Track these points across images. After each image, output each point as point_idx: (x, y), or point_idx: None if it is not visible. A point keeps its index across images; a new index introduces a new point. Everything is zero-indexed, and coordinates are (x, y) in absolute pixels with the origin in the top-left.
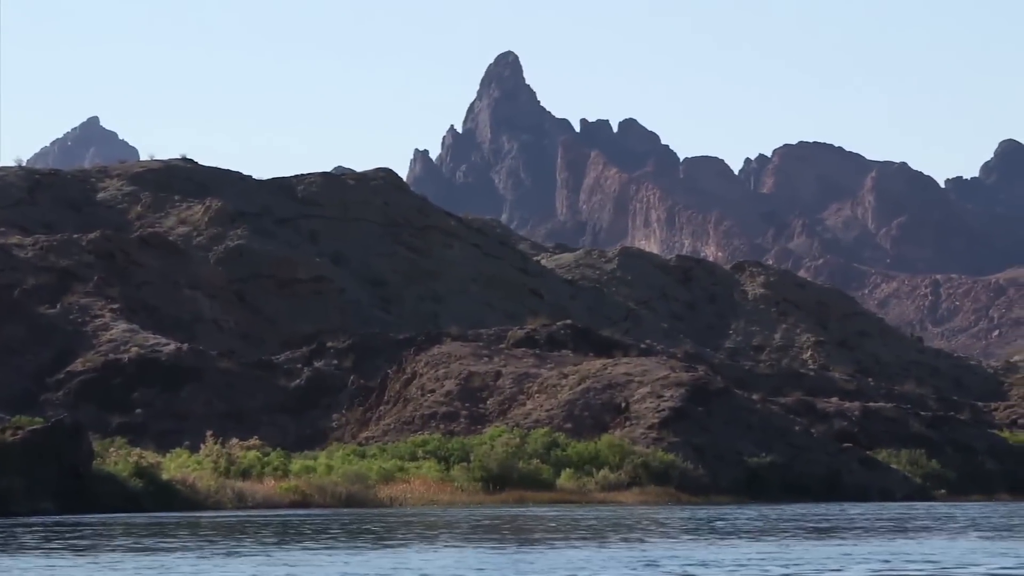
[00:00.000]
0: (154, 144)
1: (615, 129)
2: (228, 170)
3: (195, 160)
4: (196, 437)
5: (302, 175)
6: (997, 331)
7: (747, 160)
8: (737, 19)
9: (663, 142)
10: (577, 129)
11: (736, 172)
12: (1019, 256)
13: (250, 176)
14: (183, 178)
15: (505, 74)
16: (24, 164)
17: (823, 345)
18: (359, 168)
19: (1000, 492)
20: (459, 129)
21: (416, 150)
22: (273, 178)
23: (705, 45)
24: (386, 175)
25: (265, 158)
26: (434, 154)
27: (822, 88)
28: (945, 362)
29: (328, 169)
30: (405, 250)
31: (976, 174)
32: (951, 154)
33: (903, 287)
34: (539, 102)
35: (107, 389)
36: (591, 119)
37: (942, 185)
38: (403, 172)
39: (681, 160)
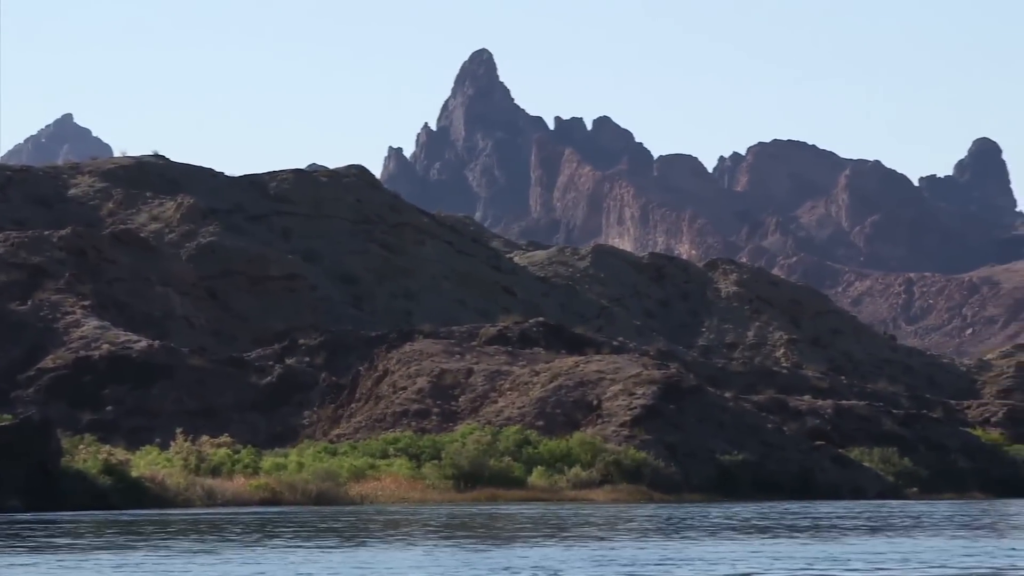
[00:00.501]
0: (128, 141)
1: (589, 127)
2: (200, 166)
3: (167, 156)
4: (167, 434)
5: (274, 172)
6: (970, 329)
7: (721, 158)
8: (711, 18)
9: (637, 140)
10: (551, 127)
11: (710, 170)
12: (993, 254)
13: (222, 173)
14: (155, 174)
15: (479, 72)
16: None
17: (796, 343)
18: (333, 165)
19: (972, 490)
20: (433, 127)
21: (390, 148)
22: (245, 175)
23: (679, 43)
24: (358, 172)
25: (238, 155)
26: (408, 152)
27: (796, 86)
28: (918, 360)
29: (302, 166)
30: (377, 247)
31: (950, 172)
32: (925, 152)
33: (877, 285)
34: (513, 100)
35: (78, 386)
36: (565, 117)
37: (916, 183)
38: (377, 170)
39: (655, 158)
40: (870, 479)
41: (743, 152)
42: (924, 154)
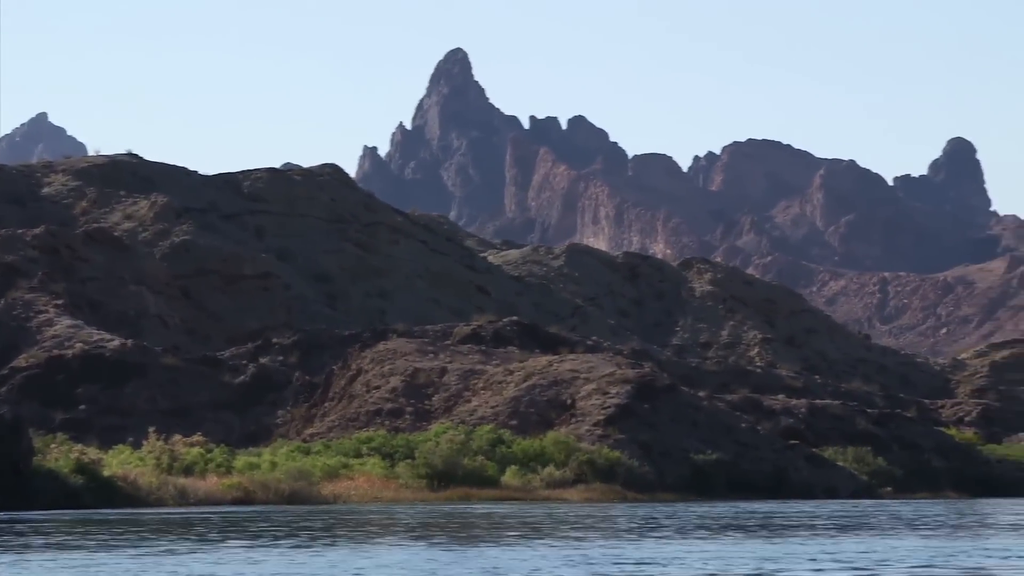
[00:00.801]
0: (103, 140)
1: (564, 126)
2: (174, 165)
3: (141, 155)
4: (140, 433)
5: (248, 171)
6: (945, 329)
7: (696, 158)
8: (687, 17)
9: (612, 139)
10: (526, 126)
11: (685, 169)
12: (967, 254)
13: (196, 172)
14: (129, 173)
15: (454, 71)
16: None
17: (770, 342)
18: (308, 165)
19: (946, 490)
20: (408, 126)
21: (365, 147)
22: (219, 173)
23: (655, 43)
24: (332, 171)
25: (212, 154)
26: (383, 151)
27: (771, 86)
28: (892, 359)
29: (277, 165)
30: (351, 246)
31: (924, 172)
32: (900, 152)
33: (851, 285)
34: (488, 99)
35: (51, 385)
36: (540, 116)
37: (890, 183)
38: (352, 169)
39: (630, 157)
40: (844, 478)
41: (718, 152)
42: (899, 154)
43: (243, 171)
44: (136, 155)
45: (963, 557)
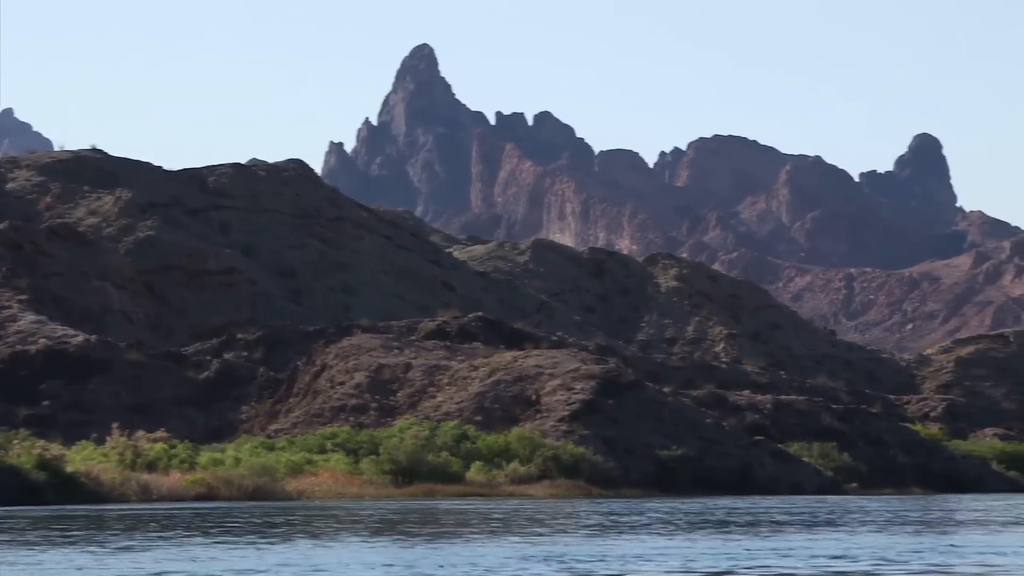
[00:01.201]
0: (68, 135)
1: (530, 122)
2: (139, 160)
3: (105, 151)
4: (104, 429)
5: (213, 166)
6: (911, 324)
7: (662, 153)
8: (652, 13)
9: (578, 135)
10: (492, 122)
11: (651, 165)
12: (933, 250)
13: (161, 167)
14: (93, 168)
15: (420, 67)
16: None
17: (735, 338)
18: (275, 160)
19: (912, 485)
20: (374, 122)
21: (331, 143)
22: (183, 169)
23: (620, 38)
24: (297, 166)
25: (177, 149)
26: (349, 147)
27: (737, 81)
28: (858, 355)
29: (243, 161)
30: (316, 242)
31: (890, 168)
32: (866, 148)
33: (817, 281)
34: (454, 95)
35: (14, 381)
36: (506, 112)
37: (856, 179)
38: (318, 165)
39: (596, 153)
40: (809, 474)
41: (684, 147)
42: (865, 150)
43: (208, 166)
44: (101, 150)
45: (927, 554)
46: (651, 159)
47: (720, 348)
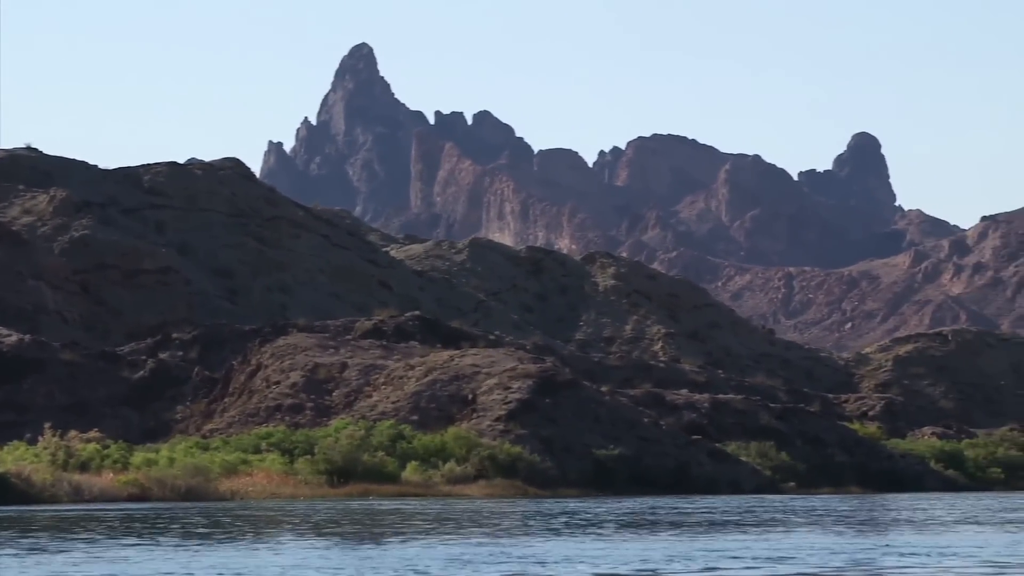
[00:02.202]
0: (2, 134)
1: (470, 121)
2: (74, 159)
3: (40, 149)
4: (37, 429)
5: (148, 165)
6: (850, 323)
7: (601, 153)
8: (590, 12)
9: (517, 134)
10: (432, 121)
11: (590, 165)
12: (872, 249)
13: (96, 166)
14: (27, 167)
15: (359, 66)
16: None
17: (673, 337)
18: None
19: (850, 485)
20: (313, 121)
21: (270, 142)
22: (119, 167)
23: (559, 38)
24: (234, 165)
25: (113, 148)
26: (288, 146)
27: (676, 81)
28: (796, 354)
29: (182, 161)
30: (252, 241)
31: (829, 167)
32: (804, 147)
33: (756, 280)
34: (393, 94)
35: None
36: (445, 111)
37: (795, 178)
38: (258, 165)
39: (535, 152)
40: (747, 474)
41: (623, 147)
42: (804, 148)
43: (143, 165)
44: (35, 149)
45: (865, 554)
46: (590, 158)
47: (658, 347)
